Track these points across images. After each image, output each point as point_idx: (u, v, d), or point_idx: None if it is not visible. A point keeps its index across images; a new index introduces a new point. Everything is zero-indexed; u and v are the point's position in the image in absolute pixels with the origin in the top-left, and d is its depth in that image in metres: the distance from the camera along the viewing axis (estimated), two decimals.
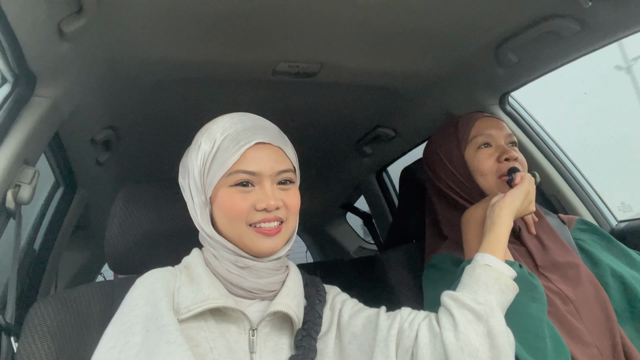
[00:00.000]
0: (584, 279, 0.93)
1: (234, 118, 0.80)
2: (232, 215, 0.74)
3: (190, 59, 1.14)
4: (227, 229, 0.76)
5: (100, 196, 1.80)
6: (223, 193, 0.75)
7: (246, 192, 0.75)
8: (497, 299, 0.74)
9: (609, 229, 1.46)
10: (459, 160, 1.05)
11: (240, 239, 0.75)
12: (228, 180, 0.75)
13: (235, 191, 0.75)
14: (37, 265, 1.53)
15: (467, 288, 0.76)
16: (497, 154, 1.02)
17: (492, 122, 1.06)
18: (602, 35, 1.10)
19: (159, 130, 1.54)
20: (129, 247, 0.97)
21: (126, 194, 1.00)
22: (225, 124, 0.78)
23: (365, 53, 1.21)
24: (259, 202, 0.74)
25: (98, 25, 0.92)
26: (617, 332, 0.87)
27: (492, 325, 0.71)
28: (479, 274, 0.78)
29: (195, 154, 0.77)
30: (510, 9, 1.06)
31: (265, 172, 0.75)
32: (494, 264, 0.79)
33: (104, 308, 0.95)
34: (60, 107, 1.06)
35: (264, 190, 0.75)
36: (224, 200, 0.75)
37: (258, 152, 0.76)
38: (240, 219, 0.74)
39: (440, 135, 1.13)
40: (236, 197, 0.74)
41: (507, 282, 0.77)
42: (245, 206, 0.74)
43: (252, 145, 0.75)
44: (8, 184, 0.92)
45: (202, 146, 0.77)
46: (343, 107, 1.56)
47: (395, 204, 2.22)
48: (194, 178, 0.77)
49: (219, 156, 0.75)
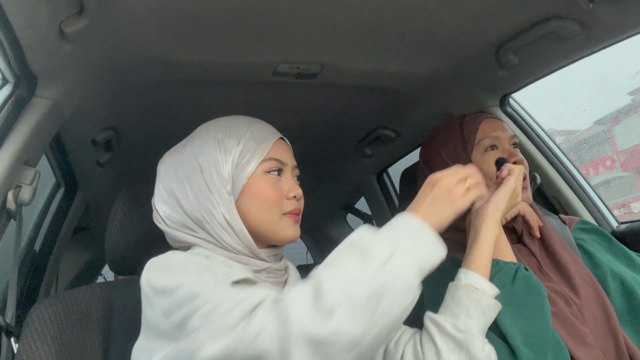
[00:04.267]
0: (584, 280, 0.93)
1: (241, 118, 0.83)
2: (270, 202, 0.76)
3: (191, 61, 1.14)
4: (259, 217, 0.76)
5: (101, 197, 1.80)
6: (258, 181, 0.76)
7: (277, 180, 0.78)
8: (478, 322, 0.74)
9: (609, 230, 1.46)
10: (466, 164, 1.04)
11: (272, 227, 0.77)
12: (262, 167, 0.77)
13: (270, 178, 0.77)
14: (38, 266, 1.53)
15: (448, 311, 0.76)
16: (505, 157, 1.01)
17: (497, 124, 1.06)
18: (603, 36, 1.10)
19: (160, 131, 1.54)
20: (130, 248, 0.97)
21: (127, 195, 1.00)
22: (237, 120, 0.81)
23: (366, 54, 1.21)
24: (289, 191, 0.78)
25: (99, 27, 0.92)
26: (620, 334, 0.87)
27: (473, 352, 0.71)
28: (460, 295, 0.76)
29: (214, 146, 0.77)
30: (510, 11, 1.06)
31: (289, 163, 0.81)
32: (476, 284, 0.76)
33: (104, 309, 0.95)
34: (61, 108, 1.06)
35: (290, 180, 0.80)
36: (260, 188, 0.76)
37: (281, 145, 0.81)
38: (277, 206, 0.77)
39: (442, 136, 1.11)
40: (271, 185, 0.77)
41: (489, 304, 0.76)
42: (280, 194, 0.78)
43: (277, 138, 0.81)
44: (9, 184, 0.92)
45: (225, 139, 0.77)
46: (343, 108, 1.56)
47: (396, 205, 2.22)
48: (216, 170, 0.75)
49: (250, 146, 0.77)
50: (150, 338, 0.67)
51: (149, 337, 0.68)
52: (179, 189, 0.77)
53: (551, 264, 0.96)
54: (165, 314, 0.62)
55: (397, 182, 1.99)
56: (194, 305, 0.59)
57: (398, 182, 1.54)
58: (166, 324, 0.62)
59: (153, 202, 0.82)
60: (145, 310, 0.69)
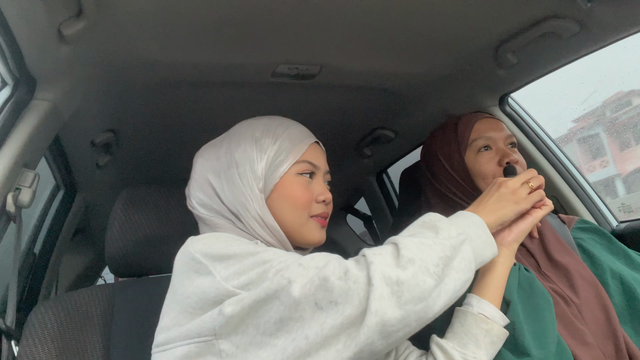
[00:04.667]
0: (584, 280, 0.93)
1: (280, 118, 0.85)
2: (299, 204, 0.77)
3: (190, 62, 1.14)
4: (287, 218, 0.77)
5: (101, 199, 1.80)
6: (289, 181, 0.78)
7: (309, 182, 0.79)
8: (486, 352, 0.74)
9: (609, 229, 1.46)
10: (460, 164, 1.04)
11: (299, 228, 0.78)
12: (295, 168, 0.78)
13: (302, 180, 0.79)
14: (38, 269, 1.53)
15: (457, 339, 0.75)
16: (498, 158, 1.01)
17: (491, 124, 1.06)
18: (601, 35, 1.10)
19: (159, 133, 1.54)
20: (129, 250, 0.97)
21: (126, 197, 1.00)
22: (276, 121, 0.83)
23: (365, 55, 1.21)
24: (319, 194, 0.80)
25: (97, 28, 0.92)
26: (620, 333, 0.87)
27: None
28: (470, 324, 0.75)
29: (250, 144, 0.78)
30: (509, 11, 1.06)
31: (322, 168, 0.83)
32: (489, 314, 0.76)
33: (104, 311, 0.95)
34: (60, 110, 1.06)
35: (321, 184, 0.81)
36: (291, 189, 0.77)
37: (316, 149, 0.83)
38: (306, 208, 0.78)
39: (439, 137, 1.12)
40: (302, 187, 0.78)
41: (498, 333, 0.75)
42: (310, 197, 0.79)
43: (313, 141, 0.83)
44: (8, 187, 0.92)
45: (262, 138, 0.79)
46: (343, 109, 1.56)
47: (396, 205, 2.22)
48: (250, 166, 0.77)
49: (286, 147, 0.78)
50: (194, 309, 0.65)
51: (192, 309, 0.65)
52: (215, 180, 0.79)
53: (550, 264, 0.96)
54: (231, 276, 0.64)
55: (396, 182, 1.99)
56: (270, 264, 0.63)
57: (398, 182, 1.54)
58: (225, 287, 0.63)
59: (187, 191, 0.83)
60: (191, 281, 0.67)
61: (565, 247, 0.99)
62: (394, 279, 0.58)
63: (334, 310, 0.58)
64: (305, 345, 0.58)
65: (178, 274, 0.70)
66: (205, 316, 0.63)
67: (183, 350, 0.64)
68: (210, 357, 0.63)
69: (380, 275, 0.58)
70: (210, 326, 0.62)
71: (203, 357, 0.63)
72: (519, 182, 0.79)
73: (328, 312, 0.58)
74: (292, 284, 0.59)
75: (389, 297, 0.57)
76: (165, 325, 0.68)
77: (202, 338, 0.63)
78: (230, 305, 0.61)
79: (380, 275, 0.58)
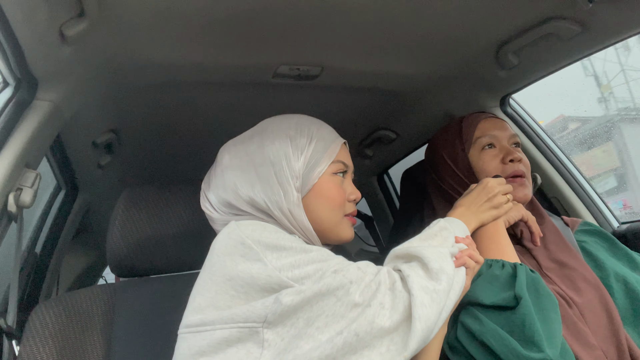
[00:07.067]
0: (587, 281, 0.93)
1: (309, 117, 0.87)
2: (336, 203, 0.79)
3: (191, 62, 1.14)
4: (324, 216, 0.79)
5: (102, 199, 1.80)
6: (326, 181, 0.79)
7: (342, 182, 0.82)
8: None
9: (610, 231, 1.45)
10: (464, 162, 1.04)
11: (334, 227, 0.80)
12: (331, 168, 0.80)
13: (337, 180, 0.80)
14: (39, 269, 1.53)
15: None
16: (502, 155, 1.01)
17: (495, 123, 1.06)
18: (602, 36, 1.10)
19: (160, 133, 1.54)
20: (131, 250, 0.97)
21: (128, 197, 1.00)
22: (306, 120, 0.84)
23: (366, 56, 1.21)
24: (351, 193, 0.83)
25: (99, 29, 0.92)
26: (622, 335, 0.86)
27: None
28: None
29: (285, 142, 0.78)
30: (510, 12, 1.06)
31: (351, 167, 0.85)
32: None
33: (105, 311, 0.96)
34: (61, 111, 1.06)
35: (351, 183, 0.84)
36: (328, 188, 0.79)
37: (345, 149, 0.86)
38: (341, 207, 0.80)
39: (443, 136, 1.12)
40: (337, 187, 0.80)
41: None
42: (344, 196, 0.81)
43: (343, 142, 0.85)
44: (10, 187, 0.92)
45: (296, 136, 0.79)
46: (344, 110, 1.56)
47: (397, 206, 2.22)
48: (287, 165, 0.77)
49: (321, 147, 0.79)
50: (237, 292, 0.65)
51: (234, 292, 0.66)
52: (243, 177, 0.78)
53: (552, 265, 0.96)
54: (285, 267, 0.65)
55: (397, 183, 1.99)
56: (327, 264, 0.67)
57: (399, 183, 1.54)
58: (279, 276, 0.65)
59: (206, 187, 0.82)
60: (235, 264, 0.67)
61: (569, 249, 0.99)
62: (431, 289, 0.65)
63: (382, 314, 0.62)
64: (355, 341, 0.60)
65: (220, 255, 0.69)
66: (256, 303, 0.64)
67: (223, 334, 0.64)
68: (251, 345, 0.63)
69: (418, 286, 0.64)
70: (262, 313, 0.63)
71: (243, 344, 0.63)
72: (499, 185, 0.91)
73: (379, 315, 0.62)
74: (352, 285, 0.63)
75: (429, 304, 0.63)
76: (198, 306, 0.67)
77: (247, 324, 0.63)
78: (290, 295, 0.63)
79: (418, 287, 0.64)
